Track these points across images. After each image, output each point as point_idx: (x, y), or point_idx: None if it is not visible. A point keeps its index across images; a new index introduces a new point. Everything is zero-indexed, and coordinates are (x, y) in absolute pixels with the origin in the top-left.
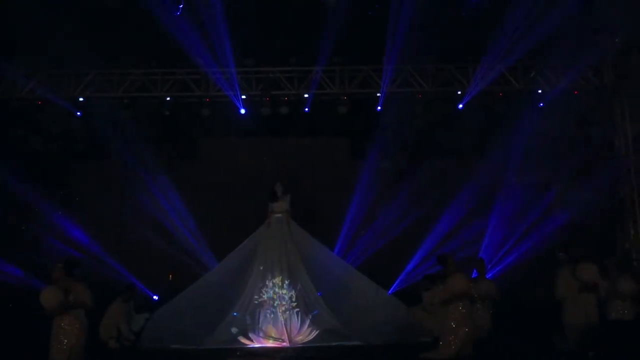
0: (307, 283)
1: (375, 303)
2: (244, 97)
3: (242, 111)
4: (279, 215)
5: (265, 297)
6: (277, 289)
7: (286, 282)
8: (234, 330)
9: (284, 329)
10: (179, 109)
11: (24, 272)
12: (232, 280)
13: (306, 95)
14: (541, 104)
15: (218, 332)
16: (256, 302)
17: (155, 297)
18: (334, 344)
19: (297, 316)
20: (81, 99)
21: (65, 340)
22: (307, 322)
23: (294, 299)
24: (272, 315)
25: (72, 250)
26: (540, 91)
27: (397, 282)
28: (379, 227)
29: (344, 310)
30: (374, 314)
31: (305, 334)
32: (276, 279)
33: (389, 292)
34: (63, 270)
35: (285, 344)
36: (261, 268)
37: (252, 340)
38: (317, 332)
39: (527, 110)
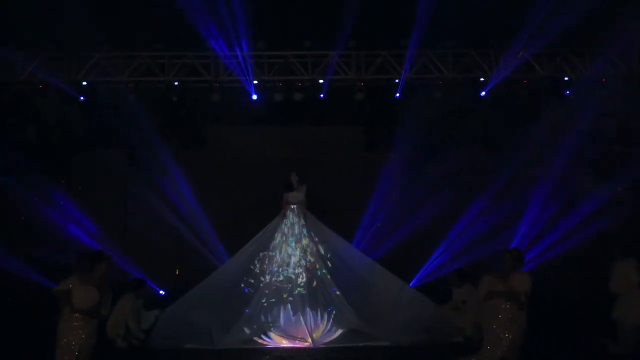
0: (325, 278)
1: (400, 300)
2: (255, 82)
3: (254, 97)
4: (294, 206)
5: (279, 291)
6: (292, 284)
7: (302, 275)
8: (247, 330)
9: (304, 327)
10: (187, 94)
11: (23, 264)
12: (245, 275)
13: (321, 81)
14: (567, 92)
15: (234, 331)
16: (272, 299)
17: (161, 292)
18: (360, 344)
19: (317, 312)
20: (84, 83)
21: (74, 341)
22: (326, 317)
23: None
24: (287, 313)
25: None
26: (566, 79)
27: (416, 278)
28: (397, 219)
29: (367, 307)
30: (400, 312)
31: (321, 330)
32: (291, 273)
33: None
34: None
35: (308, 344)
36: (275, 262)
37: (270, 340)
38: (341, 332)
39: (552, 99)
